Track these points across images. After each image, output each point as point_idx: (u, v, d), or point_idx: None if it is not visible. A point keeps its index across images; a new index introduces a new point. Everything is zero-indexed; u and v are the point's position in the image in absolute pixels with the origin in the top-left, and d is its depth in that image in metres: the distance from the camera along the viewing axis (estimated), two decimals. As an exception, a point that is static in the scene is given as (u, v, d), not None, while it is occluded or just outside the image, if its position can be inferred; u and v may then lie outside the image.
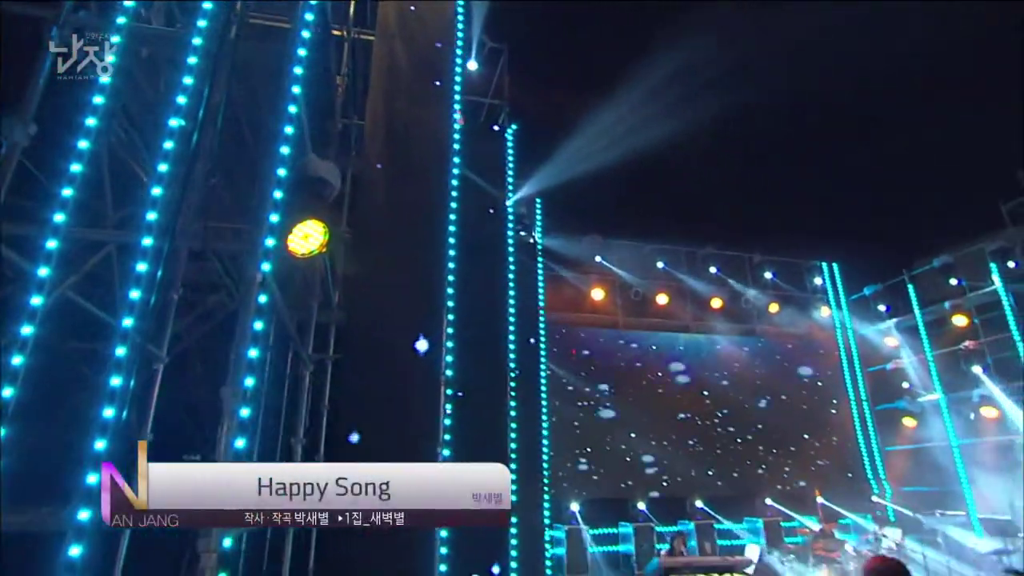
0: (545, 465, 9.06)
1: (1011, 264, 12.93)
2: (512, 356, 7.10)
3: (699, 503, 12.49)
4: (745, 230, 15.90)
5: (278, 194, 3.42)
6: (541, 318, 10.07)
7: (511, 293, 7.26)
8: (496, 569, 5.70)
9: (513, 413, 6.73)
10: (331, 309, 6.01)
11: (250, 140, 4.84)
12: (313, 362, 5.36)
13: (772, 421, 14.51)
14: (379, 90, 5.16)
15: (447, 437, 4.53)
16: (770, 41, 15.29)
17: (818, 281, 16.26)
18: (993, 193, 14.02)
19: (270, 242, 3.14)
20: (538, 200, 10.72)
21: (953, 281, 13.99)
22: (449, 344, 4.75)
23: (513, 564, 6.21)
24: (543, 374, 9.76)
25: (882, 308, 15.46)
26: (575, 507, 11.60)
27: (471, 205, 6.64)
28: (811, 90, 15.12)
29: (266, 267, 3.10)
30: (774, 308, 15.30)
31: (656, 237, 15.00)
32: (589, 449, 12.88)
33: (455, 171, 5.26)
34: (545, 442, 9.18)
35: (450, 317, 4.97)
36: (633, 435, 13.23)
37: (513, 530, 6.36)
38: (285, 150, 3.65)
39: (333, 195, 4.46)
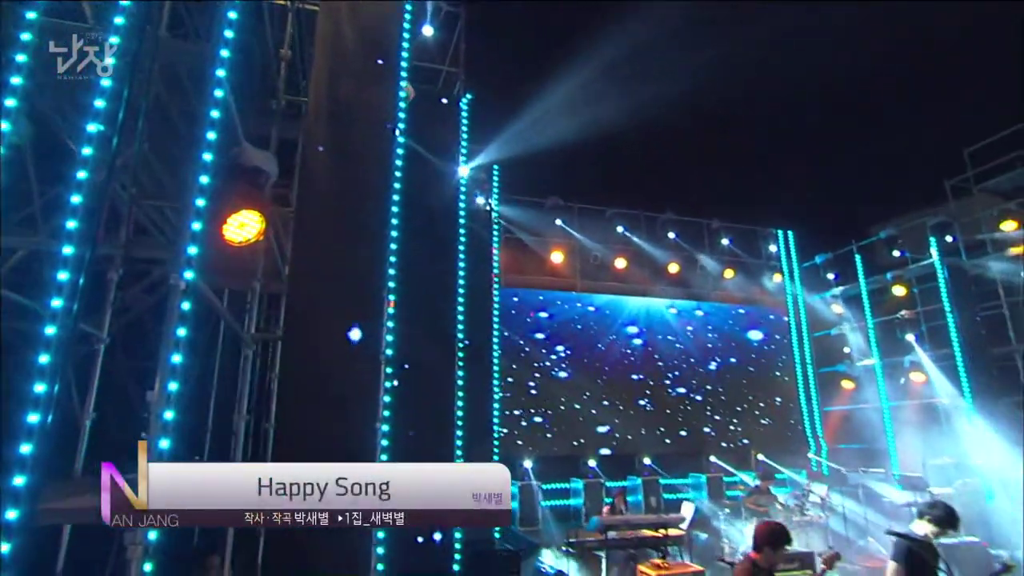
0: (495, 427, 9.42)
1: (949, 238, 13.56)
2: (461, 326, 7.29)
3: (647, 460, 13.16)
4: (705, 197, 16.18)
5: (204, 179, 3.45)
6: (496, 285, 10.26)
7: (461, 263, 7.40)
8: (438, 536, 5.99)
9: (461, 382, 6.98)
10: (283, 282, 6.08)
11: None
12: (256, 340, 5.47)
13: (721, 383, 15.22)
14: (323, 65, 5.13)
15: (386, 413, 4.73)
16: (734, 13, 15.28)
17: (773, 249, 16.80)
18: (942, 169, 14.53)
19: (196, 226, 3.21)
20: (495, 167, 10.76)
21: (896, 253, 14.63)
22: (390, 324, 4.90)
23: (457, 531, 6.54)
24: (495, 339, 10.00)
25: (831, 276, 16.06)
26: (528, 464, 12.11)
27: (421, 178, 6.69)
28: (774, 64, 15.21)
29: (193, 250, 3.17)
30: (729, 274, 15.82)
31: (617, 202, 15.20)
32: (544, 409, 13.36)
33: (399, 152, 5.28)
34: (496, 405, 9.52)
35: (391, 298, 5.09)
36: (587, 395, 13.75)
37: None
38: (211, 135, 3.66)
39: (270, 183, 4.50)
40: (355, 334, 4.47)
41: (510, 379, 13.16)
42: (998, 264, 12.85)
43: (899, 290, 14.49)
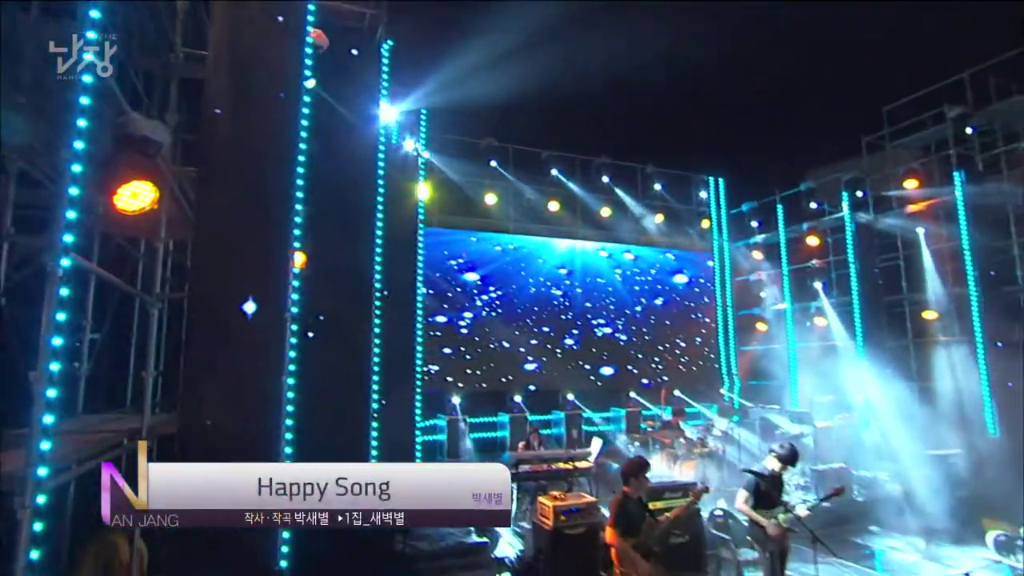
0: (418, 368, 9.81)
1: (859, 193, 14.37)
2: (379, 275, 7.47)
3: (571, 396, 13.95)
4: (641, 143, 16.34)
5: (79, 144, 3.43)
6: (420, 229, 10.38)
7: (380, 212, 7.49)
8: None
9: (378, 329, 7.25)
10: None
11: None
12: (163, 299, 5.49)
13: (646, 324, 16.04)
14: (223, 15, 4.95)
15: (292, 367, 4.95)
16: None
17: (703, 195, 17.37)
18: (864, 125, 15.12)
19: (71, 214, 3.24)
20: (423, 112, 10.65)
21: (813, 205, 15.43)
22: (295, 283, 5.03)
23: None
24: (419, 283, 10.23)
25: (754, 224, 16.82)
26: (456, 400, 12.69)
27: (334, 129, 6.65)
28: (711, 13, 15.20)
29: (68, 238, 3.21)
30: (659, 218, 16.35)
31: (553, 145, 15.25)
32: (474, 348, 13.86)
33: (306, 102, 5.22)
34: (419, 349, 9.88)
35: (299, 255, 5.20)
36: (516, 334, 14.30)
37: (375, 434, 7.12)
38: (84, 100, 3.61)
39: (161, 151, 4.45)
40: (249, 307, 4.59)
41: (441, 319, 13.55)
42: (897, 220, 13.80)
43: (813, 240, 15.40)
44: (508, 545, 7.90)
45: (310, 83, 5.95)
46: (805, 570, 6.97)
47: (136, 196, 4.35)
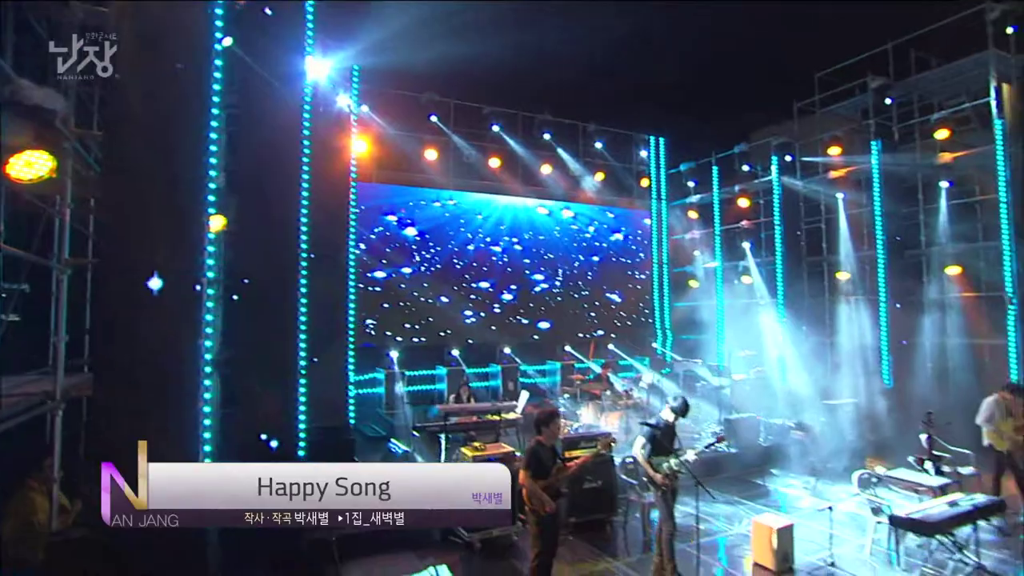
0: (351, 325, 9.98)
1: (788, 157, 14.96)
2: (305, 235, 7.51)
3: (508, 350, 14.41)
4: (583, 100, 16.34)
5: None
6: (353, 187, 10.34)
7: (306, 172, 7.46)
8: (274, 444, 6.57)
9: (304, 289, 7.35)
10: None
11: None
12: (70, 266, 5.43)
13: (583, 279, 16.54)
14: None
15: (208, 331, 5.05)
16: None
17: (644, 154, 17.70)
18: (798, 91, 15.53)
19: None
20: (355, 67, 10.44)
21: (745, 167, 15.98)
22: (211, 248, 5.07)
23: (302, 421, 7.20)
24: (352, 241, 10.27)
25: (691, 184, 17.32)
26: (395, 354, 12.93)
27: (258, 87, 6.56)
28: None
29: None
30: (600, 176, 16.64)
31: (496, 100, 15.15)
32: (414, 302, 14.05)
33: (218, 66, 5.14)
34: (351, 306, 10.02)
35: (212, 220, 5.19)
36: (455, 288, 14.56)
37: (303, 390, 7.32)
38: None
39: (58, 119, 4.34)
40: (155, 283, 4.61)
41: (380, 274, 13.65)
42: (821, 185, 14.49)
43: (744, 202, 16.02)
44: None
45: (226, 41, 5.85)
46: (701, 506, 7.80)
47: (31, 165, 4.27)
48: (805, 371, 12.80)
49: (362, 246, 13.41)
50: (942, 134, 12.96)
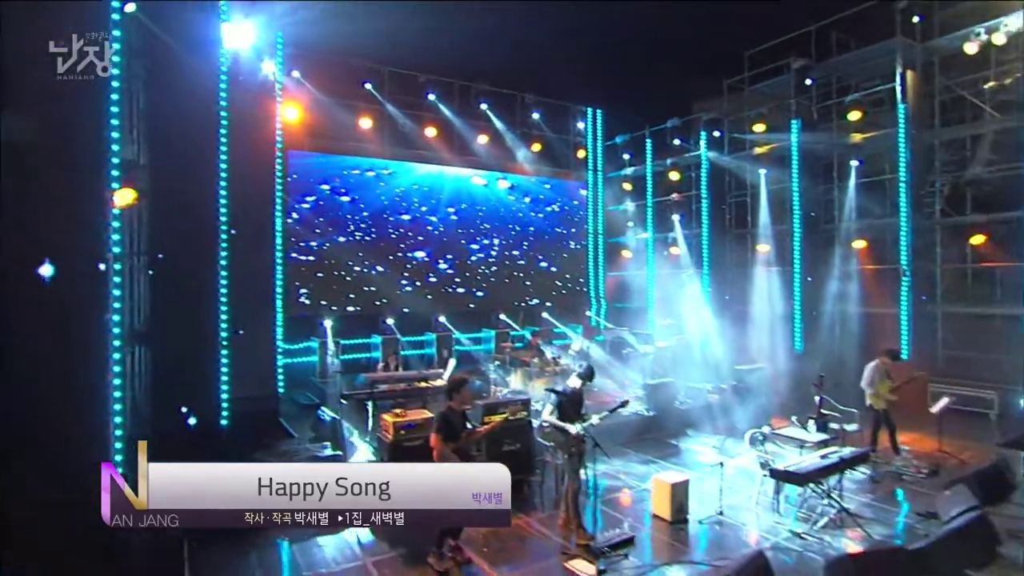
0: (278, 296, 10.01)
1: (716, 133, 15.53)
2: (224, 207, 7.47)
3: (442, 318, 14.66)
4: (521, 70, 16.36)
5: None
6: (279, 157, 10.22)
7: (223, 142, 7.37)
8: (192, 421, 6.66)
9: (225, 261, 7.36)
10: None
11: None
12: None
13: (519, 249, 16.88)
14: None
15: (116, 305, 5.08)
16: None
17: (581, 126, 17.96)
18: (729, 68, 15.97)
19: None
20: (279, 34, 10.21)
21: (677, 142, 16.48)
22: (115, 224, 5.04)
23: (224, 392, 7.30)
24: (278, 212, 10.22)
25: (626, 157, 17.74)
26: (328, 323, 12.99)
27: (169, 55, 6.43)
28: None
29: None
30: (537, 148, 16.84)
31: (432, 69, 15.03)
32: (348, 272, 14.08)
33: (117, 44, 5.03)
34: (279, 278, 10.03)
35: (126, 195, 5.15)
36: (391, 258, 14.64)
37: (225, 361, 7.41)
38: None
39: None
40: (46, 270, 4.58)
41: (314, 243, 13.59)
42: (746, 161, 15.15)
43: (674, 175, 16.59)
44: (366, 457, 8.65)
45: (129, 7, 5.72)
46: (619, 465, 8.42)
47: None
48: (724, 338, 13.60)
49: (295, 215, 13.31)
50: (854, 115, 13.78)
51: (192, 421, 6.55)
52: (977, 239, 12.90)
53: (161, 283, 6.57)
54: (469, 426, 6.13)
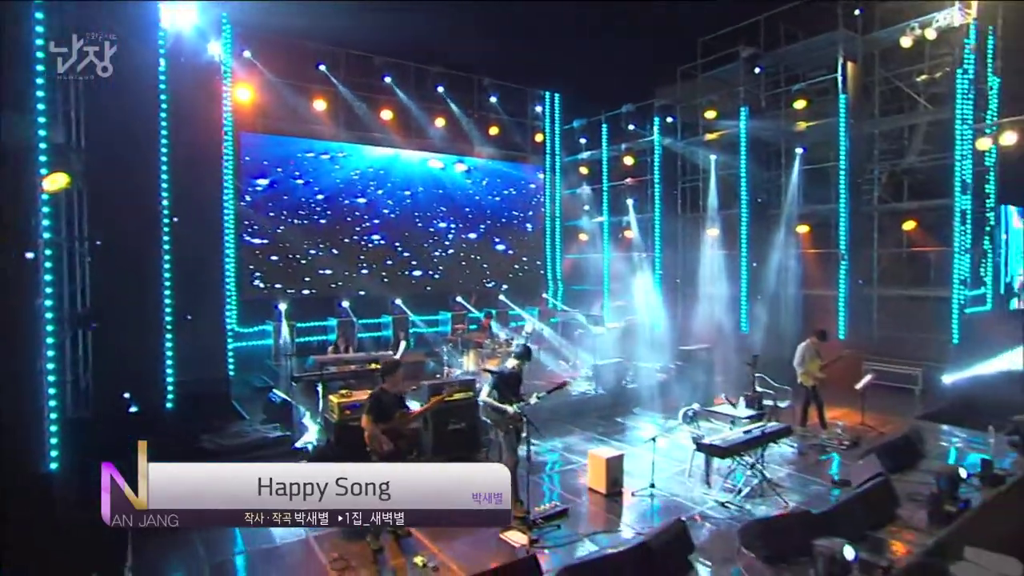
0: (227, 280, 10.03)
1: (669, 119, 15.87)
2: (165, 191, 7.46)
3: (399, 300, 14.78)
4: (478, 54, 16.35)
5: None
6: (227, 141, 10.16)
7: (163, 126, 7.33)
8: (133, 409, 6.71)
9: (168, 246, 7.38)
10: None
11: None
12: None
13: (476, 232, 17.03)
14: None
15: (48, 290, 5.11)
16: None
17: (539, 109, 18.10)
18: (682, 55, 16.24)
19: None
20: (224, 15, 10.09)
21: (632, 127, 16.78)
22: (46, 210, 5.05)
23: (169, 376, 7.37)
24: (229, 195, 10.19)
25: (583, 141, 17.97)
26: (283, 306, 13.00)
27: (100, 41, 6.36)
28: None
29: None
30: (494, 131, 16.93)
31: (388, 51, 14.94)
32: (303, 255, 14.07)
33: (39, 27, 5.00)
34: (228, 261, 10.03)
35: (57, 179, 5.14)
36: (346, 241, 14.67)
37: (169, 344, 7.47)
38: None
39: None
40: None
41: (267, 226, 13.54)
42: (698, 146, 15.55)
43: (629, 160, 16.91)
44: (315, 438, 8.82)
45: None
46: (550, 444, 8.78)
47: None
48: (674, 319, 14.08)
49: (247, 198, 13.23)
50: (800, 104, 14.27)
51: (133, 409, 6.61)
52: (909, 225, 13.58)
53: (103, 268, 6.58)
54: (412, 407, 6.36)
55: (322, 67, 13.79)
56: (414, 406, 6.87)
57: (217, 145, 9.62)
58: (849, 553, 4.98)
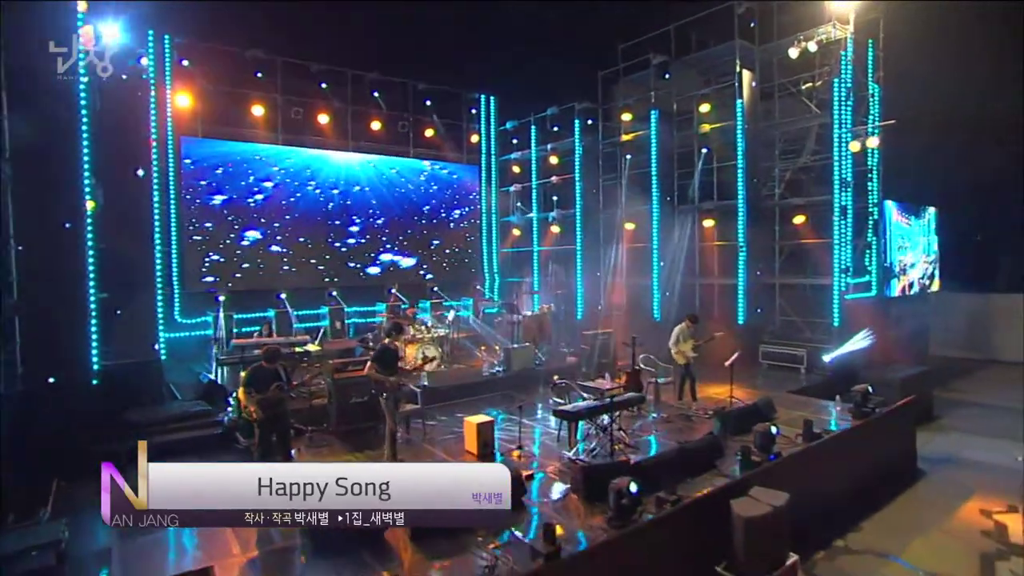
0: (158, 277, 11.04)
1: (589, 121, 17.10)
2: (88, 193, 8.39)
3: (334, 292, 15.83)
4: (413, 59, 17.31)
5: None
6: (157, 144, 11.09)
7: (85, 146, 8.22)
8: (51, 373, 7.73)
9: (91, 242, 8.36)
10: None
11: None
12: None
13: (413, 228, 18.09)
14: None
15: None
16: None
17: (474, 112, 19.21)
18: (605, 60, 17.39)
19: None
20: (150, 31, 11.03)
21: (556, 129, 17.99)
22: None
23: (94, 358, 8.40)
24: (155, 196, 11.13)
25: (515, 142, 19.14)
26: (222, 298, 13.98)
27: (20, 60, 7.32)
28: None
29: None
30: (430, 133, 18.00)
31: (323, 59, 15.89)
32: (243, 252, 15.08)
33: None
34: (158, 259, 11.03)
35: None
36: (284, 237, 15.69)
37: (95, 338, 8.49)
38: None
39: None
40: None
41: (208, 224, 14.53)
42: (615, 147, 16.79)
43: (554, 159, 18.12)
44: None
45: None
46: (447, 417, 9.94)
47: None
48: (589, 307, 15.34)
49: (188, 198, 14.20)
50: (704, 107, 15.60)
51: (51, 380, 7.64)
52: (799, 219, 14.98)
53: (30, 264, 7.60)
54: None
55: (259, 75, 14.72)
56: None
57: (146, 151, 10.55)
58: (633, 487, 6.19)
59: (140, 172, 10.08)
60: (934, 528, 8.64)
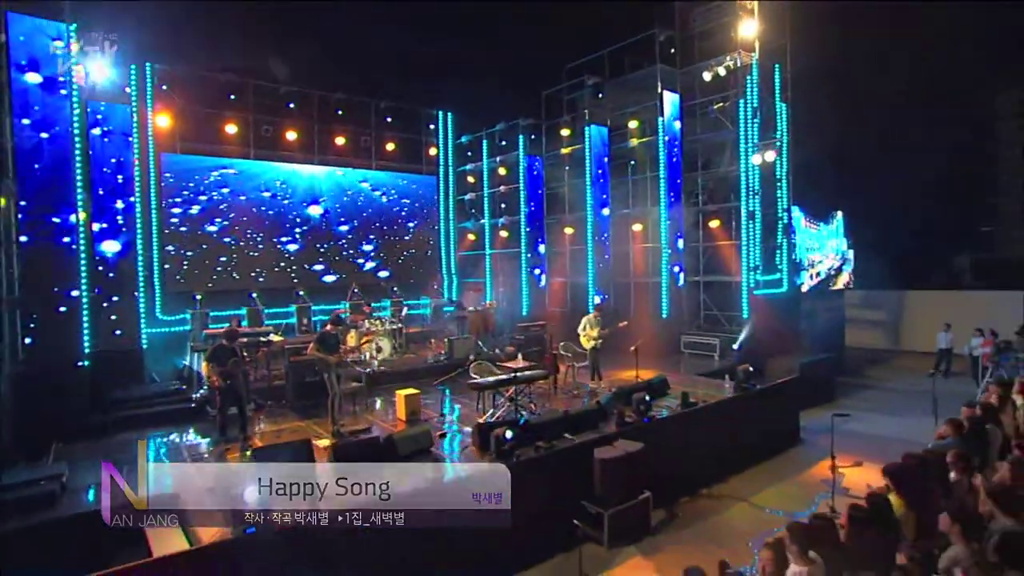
0: (140, 274, 12.75)
1: (532, 137, 18.96)
2: (80, 204, 10.06)
3: (302, 292, 17.52)
4: (375, 77, 19.03)
5: None
6: (150, 160, 12.75)
7: (78, 165, 9.94)
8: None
9: (83, 248, 10.07)
10: None
11: None
12: None
13: (375, 234, 19.79)
14: None
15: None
16: None
17: (432, 127, 21.00)
18: (551, 80, 19.19)
19: None
20: (133, 67, 12.77)
21: (503, 143, 19.84)
22: None
23: (85, 343, 10.10)
24: (137, 206, 12.81)
25: (469, 154, 20.96)
26: (199, 297, 15.65)
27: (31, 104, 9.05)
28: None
29: None
30: (391, 147, 19.76)
31: (291, 81, 17.63)
32: (218, 254, 16.76)
33: None
34: (140, 263, 12.74)
35: None
36: (258, 243, 17.39)
37: (84, 321, 10.18)
38: None
39: None
40: None
41: (184, 229, 16.22)
42: (556, 160, 18.67)
43: (502, 171, 19.98)
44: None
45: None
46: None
47: None
48: (531, 303, 17.14)
49: (169, 209, 15.90)
50: (633, 124, 17.49)
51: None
52: (715, 223, 16.89)
53: (34, 266, 9.31)
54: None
55: (232, 97, 16.45)
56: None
57: (126, 167, 12.18)
58: (508, 434, 7.95)
59: (123, 189, 11.77)
60: (789, 480, 10.50)
